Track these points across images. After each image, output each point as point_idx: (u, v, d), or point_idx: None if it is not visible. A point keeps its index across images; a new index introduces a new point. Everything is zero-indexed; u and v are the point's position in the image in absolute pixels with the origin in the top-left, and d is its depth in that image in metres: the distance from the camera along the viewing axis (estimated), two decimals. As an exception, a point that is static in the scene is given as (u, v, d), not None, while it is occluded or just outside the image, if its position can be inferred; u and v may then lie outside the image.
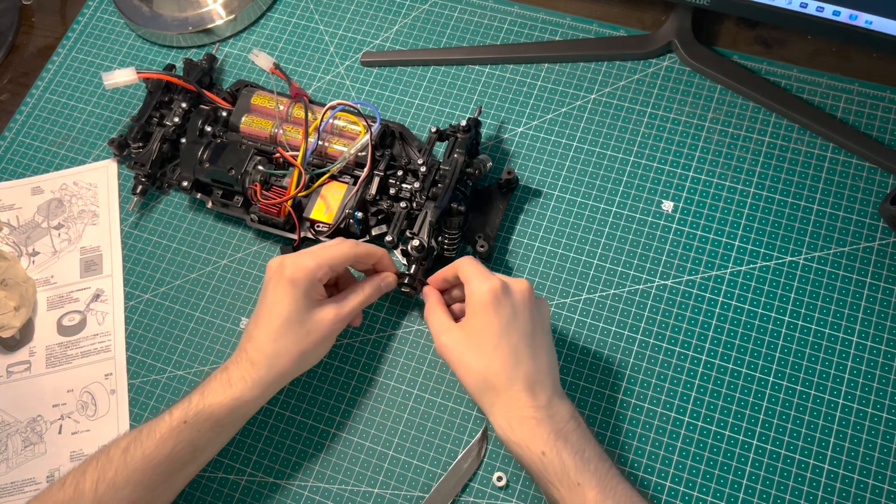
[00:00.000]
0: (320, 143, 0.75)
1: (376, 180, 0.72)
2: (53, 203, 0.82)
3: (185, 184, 0.76)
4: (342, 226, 0.72)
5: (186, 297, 0.77)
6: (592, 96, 0.79)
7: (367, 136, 0.72)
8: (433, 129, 0.73)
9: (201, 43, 0.88)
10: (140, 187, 0.79)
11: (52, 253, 0.80)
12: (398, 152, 0.75)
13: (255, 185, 0.73)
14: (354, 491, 0.67)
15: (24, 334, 0.77)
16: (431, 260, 0.70)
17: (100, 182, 0.83)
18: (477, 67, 0.82)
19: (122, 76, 0.79)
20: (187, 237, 0.79)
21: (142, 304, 0.77)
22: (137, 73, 0.79)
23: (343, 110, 0.75)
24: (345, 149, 0.74)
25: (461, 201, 0.70)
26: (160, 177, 0.80)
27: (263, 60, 0.82)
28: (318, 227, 0.73)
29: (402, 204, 0.71)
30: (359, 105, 0.75)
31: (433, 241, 0.69)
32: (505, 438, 0.59)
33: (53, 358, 0.75)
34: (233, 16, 0.87)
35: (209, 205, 0.76)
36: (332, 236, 0.72)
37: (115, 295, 0.77)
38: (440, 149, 0.78)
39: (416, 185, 0.71)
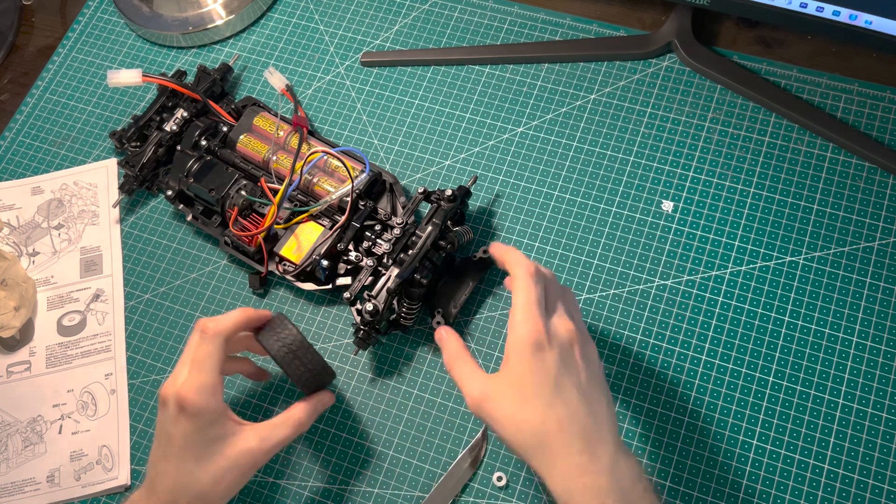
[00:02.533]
0: (310, 178, 0.73)
1: (352, 230, 0.71)
2: (53, 203, 0.82)
3: (169, 192, 0.76)
4: (308, 269, 0.71)
5: (186, 297, 0.77)
6: (592, 96, 0.79)
7: (350, 187, 0.70)
8: (420, 190, 0.70)
9: (201, 43, 0.88)
10: (126, 185, 0.79)
11: (52, 253, 0.80)
12: (384, 204, 0.73)
13: (233, 210, 0.73)
14: (354, 491, 0.67)
15: (24, 334, 0.77)
16: (385, 325, 0.69)
17: (100, 182, 0.83)
18: (477, 67, 0.82)
19: (126, 77, 0.79)
20: (187, 237, 0.79)
21: (142, 304, 0.77)
22: (143, 76, 0.79)
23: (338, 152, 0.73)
24: (332, 189, 0.73)
25: (428, 272, 0.68)
26: (153, 178, 0.80)
27: (277, 80, 0.81)
28: (285, 264, 0.72)
29: (370, 261, 0.70)
30: (348, 151, 0.74)
31: (392, 306, 0.68)
32: None
33: (53, 358, 0.75)
34: (233, 16, 0.87)
35: (189, 217, 0.76)
36: (297, 277, 0.71)
37: (115, 295, 0.77)
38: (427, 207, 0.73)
39: (386, 246, 0.69)
